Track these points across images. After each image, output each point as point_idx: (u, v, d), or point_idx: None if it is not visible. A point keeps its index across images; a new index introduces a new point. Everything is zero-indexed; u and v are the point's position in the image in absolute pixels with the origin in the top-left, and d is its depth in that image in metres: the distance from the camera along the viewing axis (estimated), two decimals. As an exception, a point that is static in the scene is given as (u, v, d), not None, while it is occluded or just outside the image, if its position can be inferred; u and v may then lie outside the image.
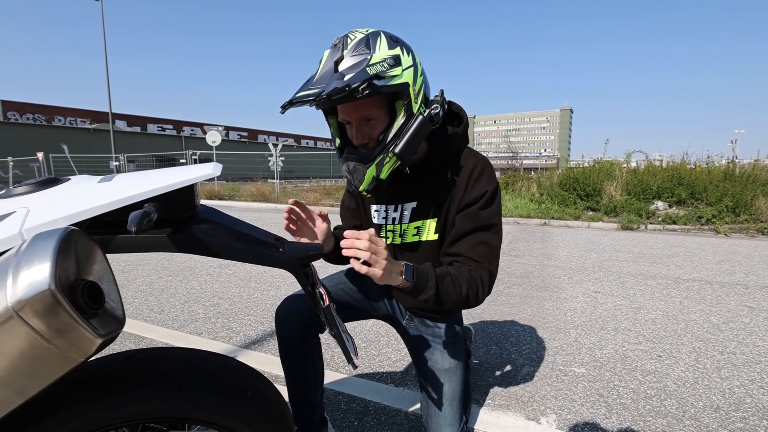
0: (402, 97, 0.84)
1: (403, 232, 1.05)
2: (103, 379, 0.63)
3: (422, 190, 1.01)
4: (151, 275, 3.19)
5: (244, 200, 9.85)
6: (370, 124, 0.87)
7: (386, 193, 1.05)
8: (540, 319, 2.32)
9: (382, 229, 1.09)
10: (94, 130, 27.72)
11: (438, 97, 0.93)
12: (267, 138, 42.34)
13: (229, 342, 1.99)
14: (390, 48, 0.84)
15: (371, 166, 0.86)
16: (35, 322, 0.38)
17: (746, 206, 5.91)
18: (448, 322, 1.18)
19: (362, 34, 0.84)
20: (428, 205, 1.01)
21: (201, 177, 0.54)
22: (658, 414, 1.42)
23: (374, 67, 0.79)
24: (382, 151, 0.86)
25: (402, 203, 1.04)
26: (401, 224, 1.04)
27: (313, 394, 1.10)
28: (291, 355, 1.07)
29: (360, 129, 0.88)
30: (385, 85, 0.80)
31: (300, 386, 1.09)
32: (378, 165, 0.86)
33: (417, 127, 0.86)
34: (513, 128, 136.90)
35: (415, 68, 0.86)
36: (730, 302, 2.64)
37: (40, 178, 0.57)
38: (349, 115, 0.87)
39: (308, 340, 1.07)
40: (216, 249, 0.57)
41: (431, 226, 1.01)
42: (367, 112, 0.86)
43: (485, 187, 0.95)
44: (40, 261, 0.38)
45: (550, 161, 24.05)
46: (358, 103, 0.84)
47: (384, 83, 0.79)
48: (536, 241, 4.84)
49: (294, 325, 1.05)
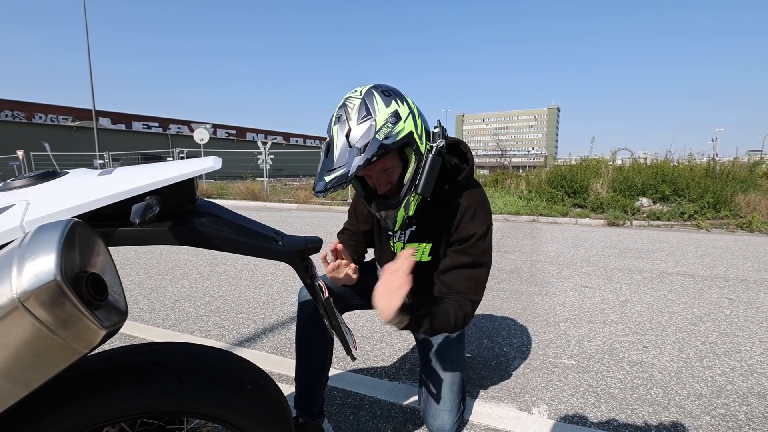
0: (410, 144, 0.94)
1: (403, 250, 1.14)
2: (102, 374, 0.63)
3: (421, 218, 1.09)
4: (140, 275, 3.14)
5: (233, 198, 9.74)
6: (387, 173, 0.99)
7: None
8: (530, 314, 2.36)
9: (390, 239, 1.18)
10: (76, 127, 26.99)
11: (437, 129, 1.02)
12: (256, 136, 41.89)
13: (221, 340, 1.98)
14: (387, 105, 0.91)
15: (400, 209, 0.99)
16: (40, 313, 0.38)
17: (726, 202, 6.10)
18: None
19: (358, 99, 0.92)
20: (424, 232, 1.11)
21: (201, 170, 0.54)
22: (645, 402, 1.47)
23: (381, 131, 0.88)
24: (407, 193, 0.97)
25: None
26: (402, 243, 1.15)
27: (318, 378, 1.17)
28: (306, 336, 1.15)
29: (380, 179, 0.99)
30: (394, 142, 0.90)
31: (308, 367, 1.16)
32: (405, 206, 0.98)
33: (430, 165, 0.96)
34: (502, 126, 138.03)
35: (413, 114, 0.94)
36: (711, 295, 2.73)
37: (38, 171, 0.56)
38: (369, 171, 0.98)
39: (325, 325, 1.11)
40: (217, 241, 0.57)
41: (426, 250, 1.12)
42: (384, 165, 0.97)
43: (476, 229, 1.05)
44: (45, 252, 0.38)
45: (539, 159, 24.38)
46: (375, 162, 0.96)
47: (392, 141, 0.90)
48: (525, 238, 4.91)
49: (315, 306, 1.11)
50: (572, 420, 1.36)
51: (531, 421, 1.35)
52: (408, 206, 0.99)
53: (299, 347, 1.18)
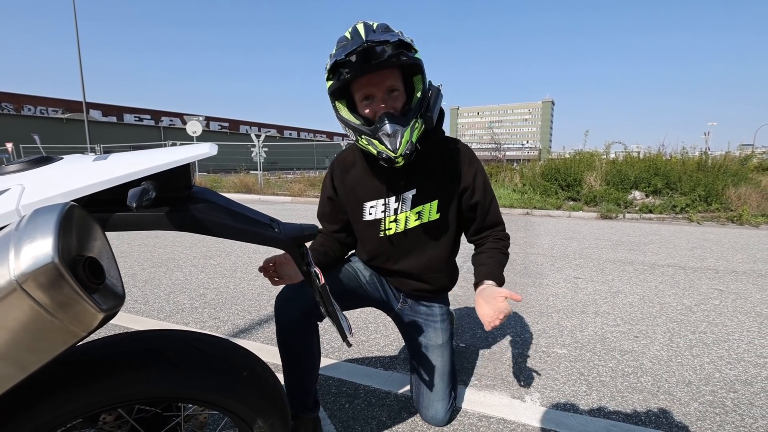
0: (420, 72, 0.98)
1: (406, 219, 1.14)
2: (98, 361, 0.63)
3: (419, 178, 1.10)
4: (134, 267, 3.13)
5: (226, 192, 9.68)
6: (392, 96, 0.99)
7: (386, 187, 1.12)
8: (524, 304, 2.39)
9: (381, 222, 1.15)
10: (67, 119, 26.51)
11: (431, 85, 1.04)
12: (249, 129, 41.45)
13: (216, 331, 1.98)
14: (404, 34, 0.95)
15: (407, 129, 0.96)
16: (39, 295, 0.38)
17: (717, 196, 6.17)
18: (440, 302, 1.25)
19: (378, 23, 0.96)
20: (428, 190, 1.11)
21: (198, 156, 0.54)
22: (635, 390, 1.50)
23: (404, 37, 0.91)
24: (415, 115, 0.96)
25: (401, 193, 1.12)
26: (404, 212, 1.13)
27: (309, 380, 1.12)
28: (289, 342, 1.08)
29: (386, 100, 0.98)
30: (413, 56, 0.93)
31: (296, 372, 1.10)
32: (411, 128, 0.96)
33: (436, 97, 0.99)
34: (496, 120, 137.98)
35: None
36: (701, 286, 2.77)
37: (33, 156, 0.56)
38: (375, 86, 0.97)
39: (308, 327, 1.08)
40: (213, 227, 0.57)
41: (432, 208, 1.12)
42: (394, 83, 0.98)
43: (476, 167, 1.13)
44: (42, 235, 0.38)
45: (533, 152, 24.44)
46: (385, 75, 0.96)
47: (412, 54, 0.93)
48: (519, 230, 4.94)
49: (294, 312, 1.06)
50: (564, 407, 1.39)
51: (524, 409, 1.38)
52: (414, 130, 0.97)
53: (283, 357, 1.11)
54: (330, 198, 1.22)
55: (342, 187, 1.18)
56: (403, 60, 0.91)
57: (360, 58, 0.88)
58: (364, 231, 1.20)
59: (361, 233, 1.22)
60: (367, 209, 1.16)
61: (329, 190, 1.22)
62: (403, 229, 1.14)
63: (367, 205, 1.16)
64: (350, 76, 0.94)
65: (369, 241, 1.20)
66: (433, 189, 1.11)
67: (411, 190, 1.11)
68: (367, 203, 1.16)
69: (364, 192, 1.15)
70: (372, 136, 0.97)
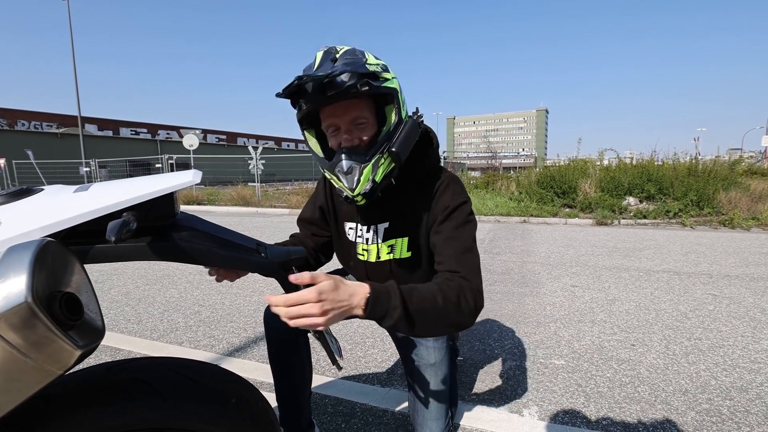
0: (392, 102, 0.87)
1: (378, 250, 1.06)
2: (84, 392, 0.62)
3: (393, 211, 1.02)
4: (128, 285, 3.09)
5: (224, 204, 9.65)
6: (359, 128, 0.88)
7: (361, 214, 1.06)
8: (521, 315, 2.38)
9: (357, 246, 1.09)
10: (61, 134, 26.47)
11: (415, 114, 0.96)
12: (246, 141, 41.59)
13: (211, 350, 1.96)
14: (377, 58, 0.88)
15: (368, 166, 0.85)
16: (11, 336, 0.37)
17: (709, 200, 6.23)
18: None
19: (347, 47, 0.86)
20: (400, 225, 1.02)
21: (181, 185, 0.54)
22: (633, 400, 1.49)
23: (371, 66, 0.82)
24: (378, 151, 0.86)
25: (375, 224, 1.05)
26: (376, 243, 1.05)
27: (301, 396, 1.10)
28: (279, 356, 1.07)
29: (351, 131, 0.87)
30: (380, 85, 0.83)
31: (288, 387, 1.08)
32: (374, 165, 0.86)
33: (408, 130, 0.88)
34: (492, 129, 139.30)
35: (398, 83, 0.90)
36: (696, 291, 2.78)
37: (12, 188, 0.55)
38: (338, 117, 0.87)
39: (297, 341, 1.06)
40: (198, 256, 0.57)
41: (403, 245, 1.03)
42: (360, 113, 0.86)
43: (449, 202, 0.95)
44: (15, 273, 0.38)
45: (528, 160, 24.63)
46: (349, 105, 0.85)
47: (379, 84, 0.82)
48: (516, 239, 4.95)
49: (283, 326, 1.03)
50: (562, 420, 1.38)
51: (521, 423, 1.36)
52: (377, 167, 0.86)
53: (274, 372, 1.07)
54: (321, 207, 1.18)
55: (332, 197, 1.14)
56: (364, 90, 0.79)
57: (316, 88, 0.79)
58: (343, 249, 1.17)
59: (340, 251, 1.18)
60: (346, 228, 1.12)
61: (321, 198, 1.16)
62: (374, 260, 1.08)
63: (346, 225, 1.12)
64: (307, 107, 0.86)
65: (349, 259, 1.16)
66: (404, 226, 1.02)
67: (384, 222, 1.03)
68: (346, 223, 1.12)
69: (344, 211, 1.11)
70: (331, 171, 0.89)
